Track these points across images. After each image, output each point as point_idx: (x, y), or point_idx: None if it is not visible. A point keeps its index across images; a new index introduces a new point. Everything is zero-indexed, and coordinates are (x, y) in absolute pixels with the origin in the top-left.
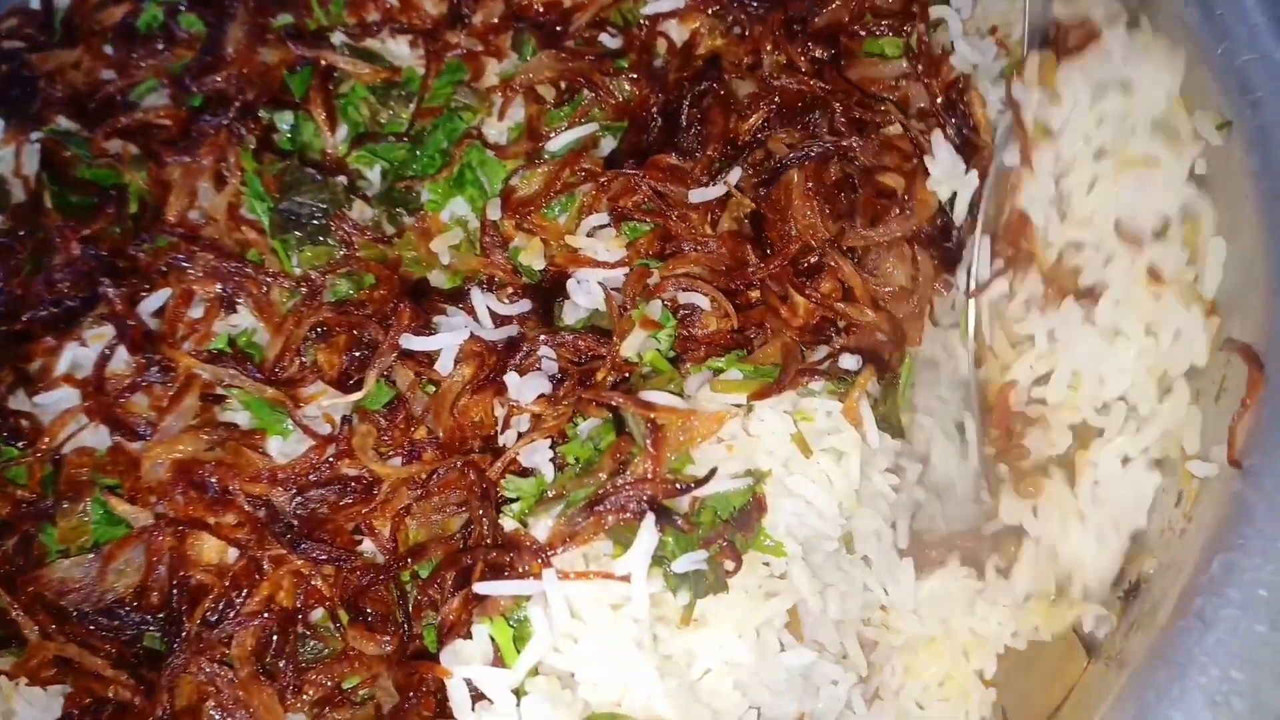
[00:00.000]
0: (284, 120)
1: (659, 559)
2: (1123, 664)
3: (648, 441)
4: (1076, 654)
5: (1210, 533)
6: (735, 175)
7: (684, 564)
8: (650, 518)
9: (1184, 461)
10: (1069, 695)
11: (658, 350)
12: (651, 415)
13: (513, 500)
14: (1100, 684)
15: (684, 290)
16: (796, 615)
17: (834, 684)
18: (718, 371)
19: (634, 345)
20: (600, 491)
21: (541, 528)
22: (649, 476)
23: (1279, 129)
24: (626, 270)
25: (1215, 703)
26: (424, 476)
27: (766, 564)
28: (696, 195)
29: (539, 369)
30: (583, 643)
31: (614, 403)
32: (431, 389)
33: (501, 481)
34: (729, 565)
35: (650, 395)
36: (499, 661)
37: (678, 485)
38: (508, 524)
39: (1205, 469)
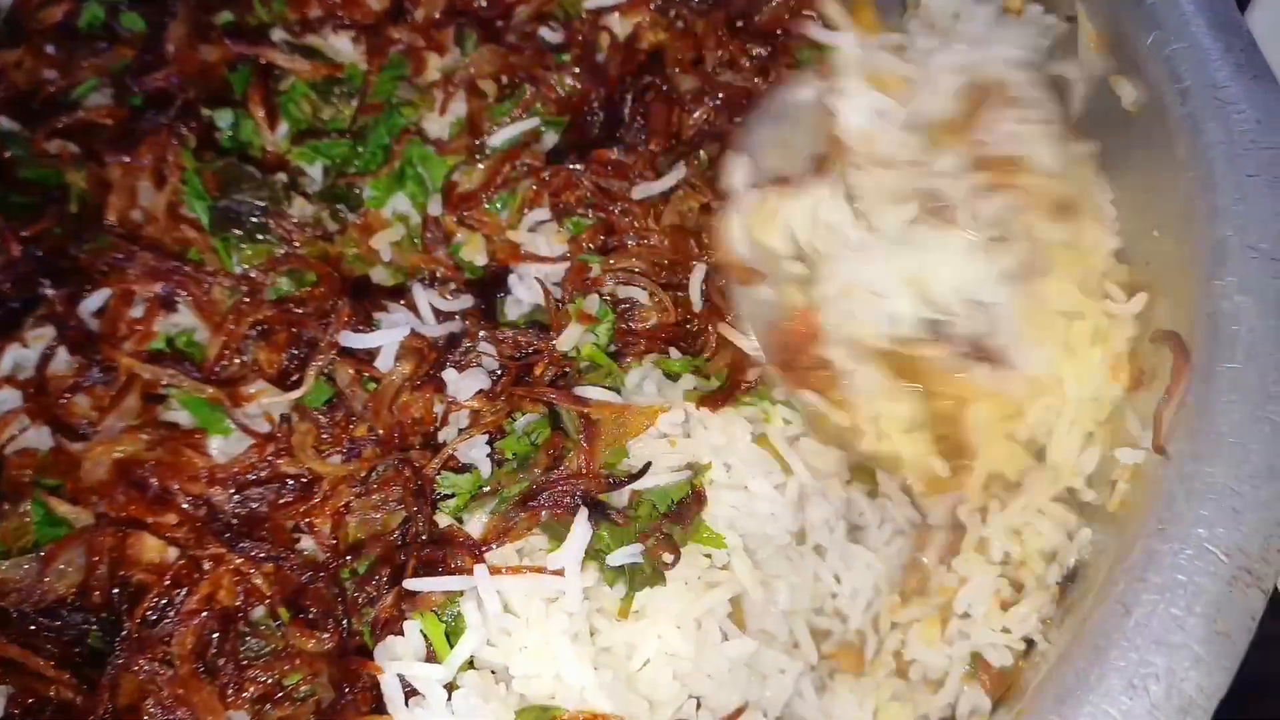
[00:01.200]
0: (224, 118)
1: (595, 553)
2: (1046, 653)
3: (581, 436)
4: None
5: (1140, 520)
6: (680, 172)
7: (619, 557)
8: (583, 512)
9: (1114, 449)
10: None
11: (595, 345)
12: (585, 410)
13: (449, 496)
14: (1029, 672)
15: (623, 284)
16: (740, 606)
17: (781, 673)
18: (670, 374)
19: (571, 340)
20: (534, 487)
21: (476, 523)
22: (583, 471)
23: (1205, 118)
24: (568, 265)
25: (1133, 686)
26: (363, 474)
27: (708, 556)
28: (640, 191)
29: (479, 365)
30: (516, 637)
31: (548, 398)
32: (373, 386)
33: (437, 478)
34: (667, 558)
35: (584, 390)
36: (432, 657)
37: (611, 480)
38: (443, 520)
39: (1135, 456)
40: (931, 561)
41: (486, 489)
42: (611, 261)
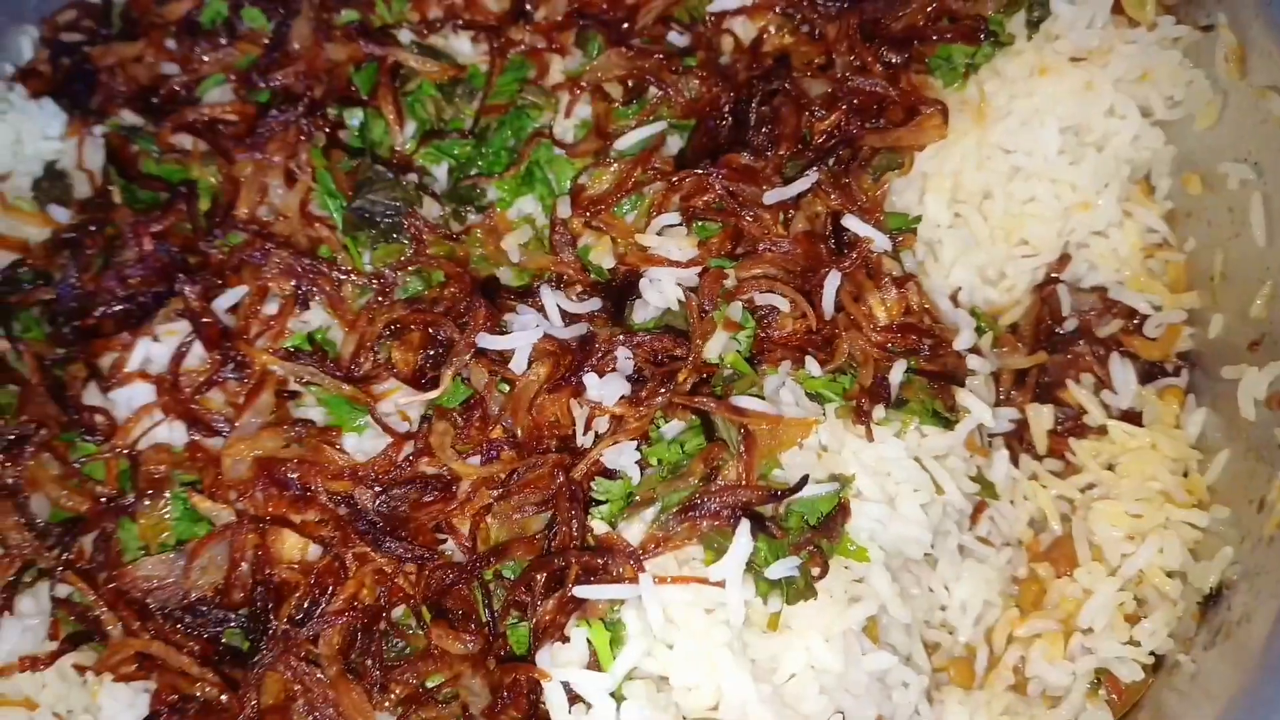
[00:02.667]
0: (353, 117)
1: (749, 564)
2: (1201, 675)
3: (741, 447)
4: None
5: None
6: (813, 176)
7: (778, 570)
8: (746, 524)
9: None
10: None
11: (738, 352)
12: (744, 421)
13: (600, 502)
14: (1180, 697)
15: (763, 291)
16: (874, 620)
17: (905, 686)
18: (810, 393)
19: (717, 347)
20: (693, 497)
21: (633, 531)
22: (742, 482)
23: None
24: (699, 270)
25: None
26: (503, 476)
27: (847, 568)
28: (772, 196)
29: (615, 369)
30: (677, 647)
31: (707, 408)
32: (505, 388)
33: (590, 483)
34: (815, 571)
35: (741, 401)
36: (594, 665)
37: (772, 492)
38: (598, 526)
39: None
40: (1049, 575)
41: (637, 496)
42: (747, 268)
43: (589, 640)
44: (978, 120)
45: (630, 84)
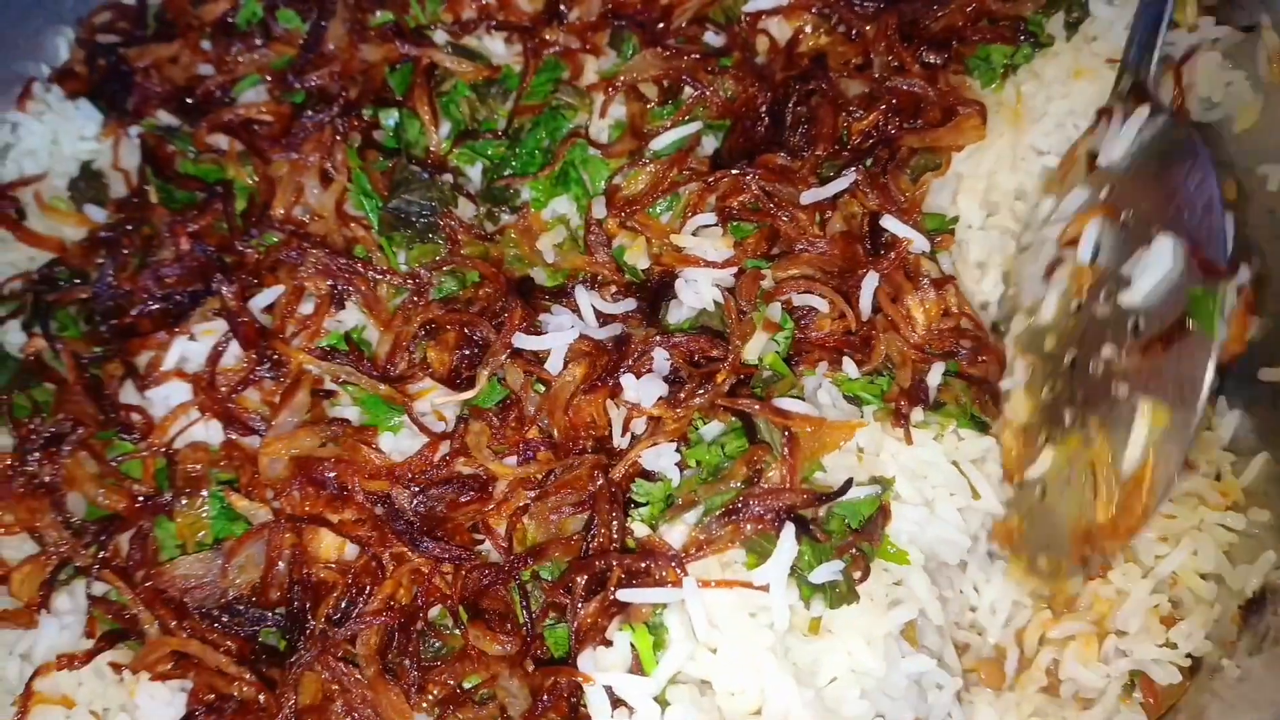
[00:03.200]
0: (388, 117)
1: (792, 568)
2: (1246, 680)
3: (785, 450)
4: None
5: None
6: (850, 176)
7: (822, 574)
8: (790, 528)
9: None
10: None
11: (776, 353)
12: (787, 423)
13: (641, 504)
14: (1221, 702)
15: (801, 292)
16: (911, 622)
17: (939, 689)
18: (849, 395)
19: (757, 348)
20: (736, 499)
21: (674, 534)
22: (786, 486)
23: None
24: (735, 270)
25: None
26: (540, 477)
27: (886, 570)
28: (809, 196)
29: (651, 370)
30: (720, 651)
31: (750, 410)
32: (541, 388)
33: (630, 484)
34: (856, 574)
35: (784, 403)
36: (637, 668)
37: (817, 495)
38: (638, 529)
39: None
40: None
41: (678, 499)
42: (785, 268)
43: (632, 644)
44: (1013, 122)
45: (665, 84)
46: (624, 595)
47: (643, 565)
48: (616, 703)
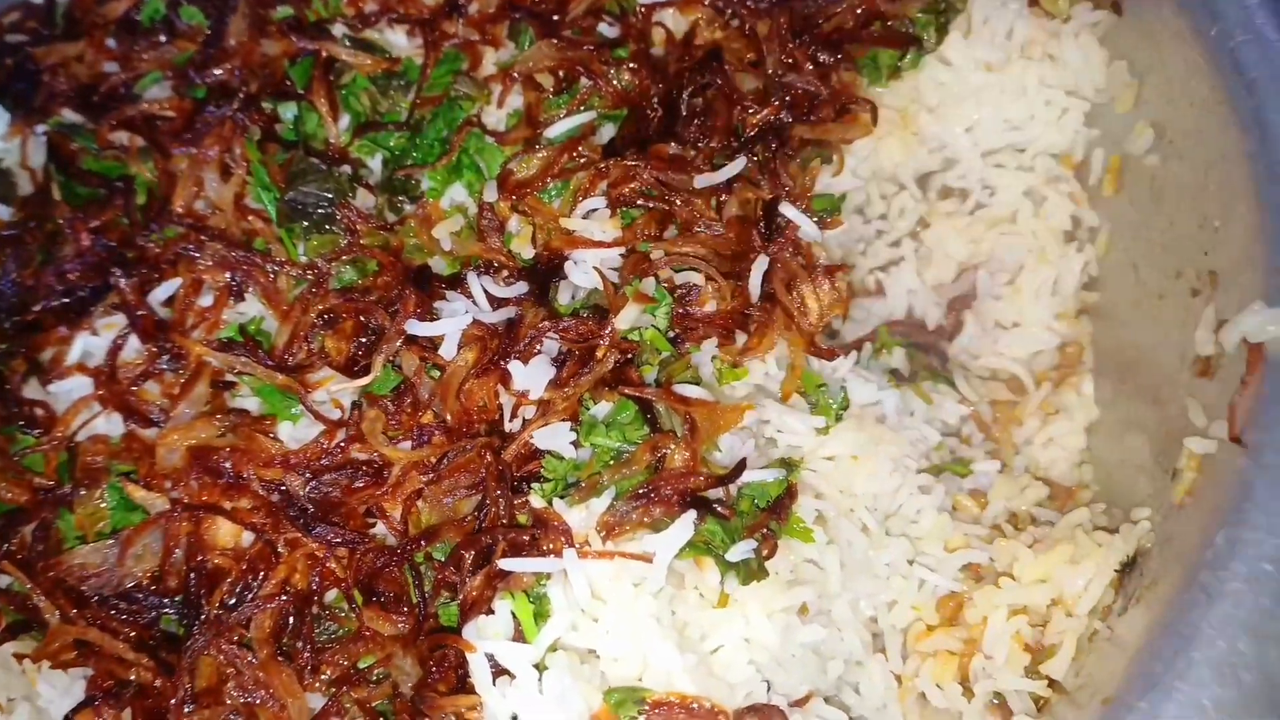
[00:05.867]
0: (288, 111)
1: (706, 547)
2: (1120, 641)
3: (686, 435)
4: None
5: (1212, 508)
6: (740, 163)
7: (738, 553)
8: (692, 513)
9: (1184, 438)
10: None
11: (655, 328)
12: (688, 410)
13: (541, 480)
14: (1098, 660)
15: (681, 269)
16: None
17: (839, 661)
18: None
19: (628, 320)
20: (644, 484)
21: (582, 516)
22: (688, 470)
23: (1273, 111)
24: (623, 251)
25: (1222, 675)
26: (434, 460)
27: (793, 549)
28: (702, 181)
29: (540, 353)
30: (603, 620)
31: (650, 397)
32: (436, 374)
33: (522, 465)
34: (764, 552)
35: (683, 389)
36: (520, 637)
37: (720, 478)
38: (535, 501)
39: (1205, 445)
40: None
41: (582, 481)
42: (672, 246)
43: (514, 614)
44: (905, 118)
45: (561, 75)
46: (505, 564)
47: (527, 538)
48: (501, 671)
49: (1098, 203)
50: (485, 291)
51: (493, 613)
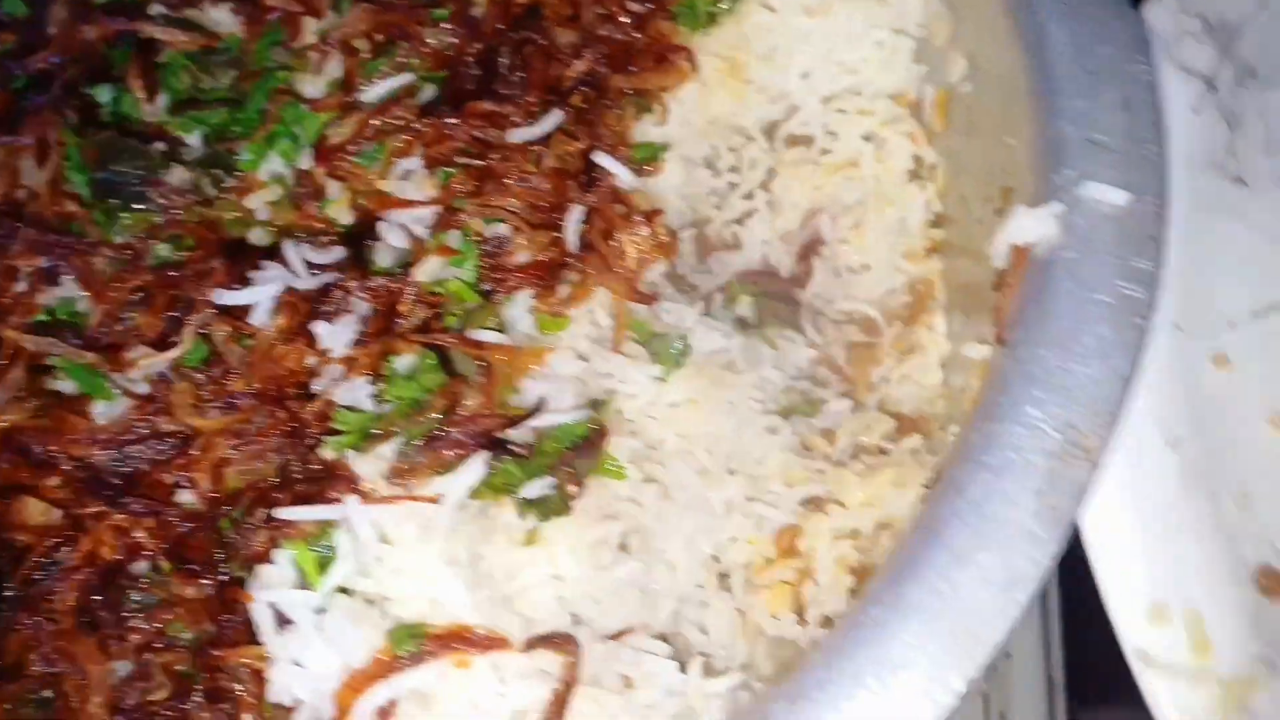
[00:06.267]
0: (103, 94)
1: (503, 486)
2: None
3: (480, 380)
4: None
5: (980, 410)
6: (556, 117)
7: (533, 490)
8: (482, 453)
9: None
10: None
11: (461, 280)
12: (481, 354)
13: (339, 433)
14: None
15: (493, 221)
16: (632, 531)
17: (671, 599)
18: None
19: (428, 272)
20: (435, 430)
21: (374, 464)
22: (483, 413)
23: (1051, 20)
24: (440, 210)
25: (961, 560)
26: (240, 426)
27: (607, 486)
28: (518, 135)
29: (350, 312)
30: (391, 563)
31: (443, 343)
32: (250, 342)
33: (333, 414)
34: (572, 490)
35: (478, 335)
36: (306, 587)
37: (512, 419)
38: (326, 454)
39: (981, 351)
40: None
41: (379, 430)
42: (484, 199)
43: (298, 564)
44: (734, 67)
45: (379, 39)
46: (282, 513)
47: (314, 489)
48: (287, 621)
49: (934, 138)
50: (304, 259)
51: (273, 563)
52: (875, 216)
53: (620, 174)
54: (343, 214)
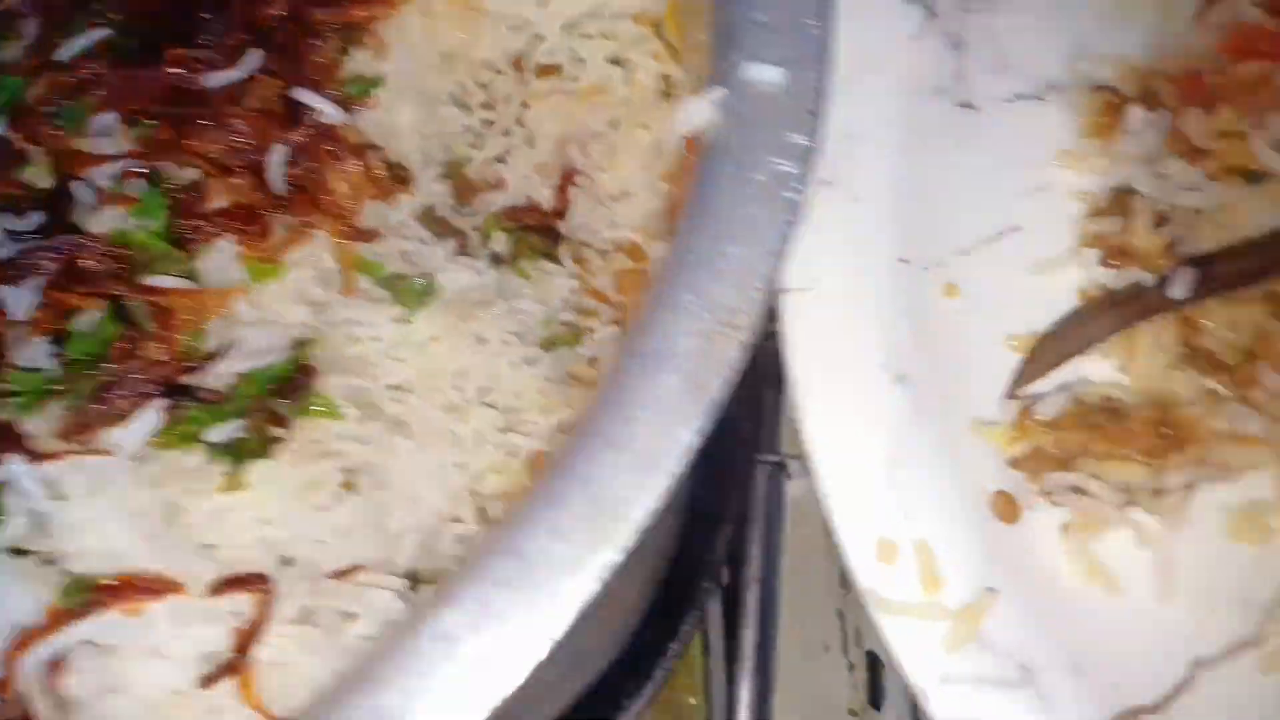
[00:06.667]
0: None
1: (192, 435)
2: None
3: (154, 326)
4: None
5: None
6: (256, 58)
7: (217, 434)
8: (158, 401)
9: None
10: None
11: (149, 231)
12: (156, 299)
13: (17, 395)
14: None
15: (179, 167)
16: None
17: (414, 534)
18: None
19: (104, 223)
20: (109, 380)
21: (39, 422)
22: (162, 359)
23: None
24: (137, 164)
25: (613, 445)
26: None
27: (326, 427)
28: (215, 80)
29: (39, 274)
30: (65, 520)
31: (113, 292)
32: None
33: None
34: (276, 431)
35: (154, 280)
36: None
37: (191, 365)
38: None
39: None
40: None
41: (61, 389)
42: (168, 148)
43: None
44: None
45: None
46: None
47: None
48: None
49: (679, 55)
50: (4, 229)
51: None
52: (629, 140)
53: (325, 109)
54: (41, 177)
